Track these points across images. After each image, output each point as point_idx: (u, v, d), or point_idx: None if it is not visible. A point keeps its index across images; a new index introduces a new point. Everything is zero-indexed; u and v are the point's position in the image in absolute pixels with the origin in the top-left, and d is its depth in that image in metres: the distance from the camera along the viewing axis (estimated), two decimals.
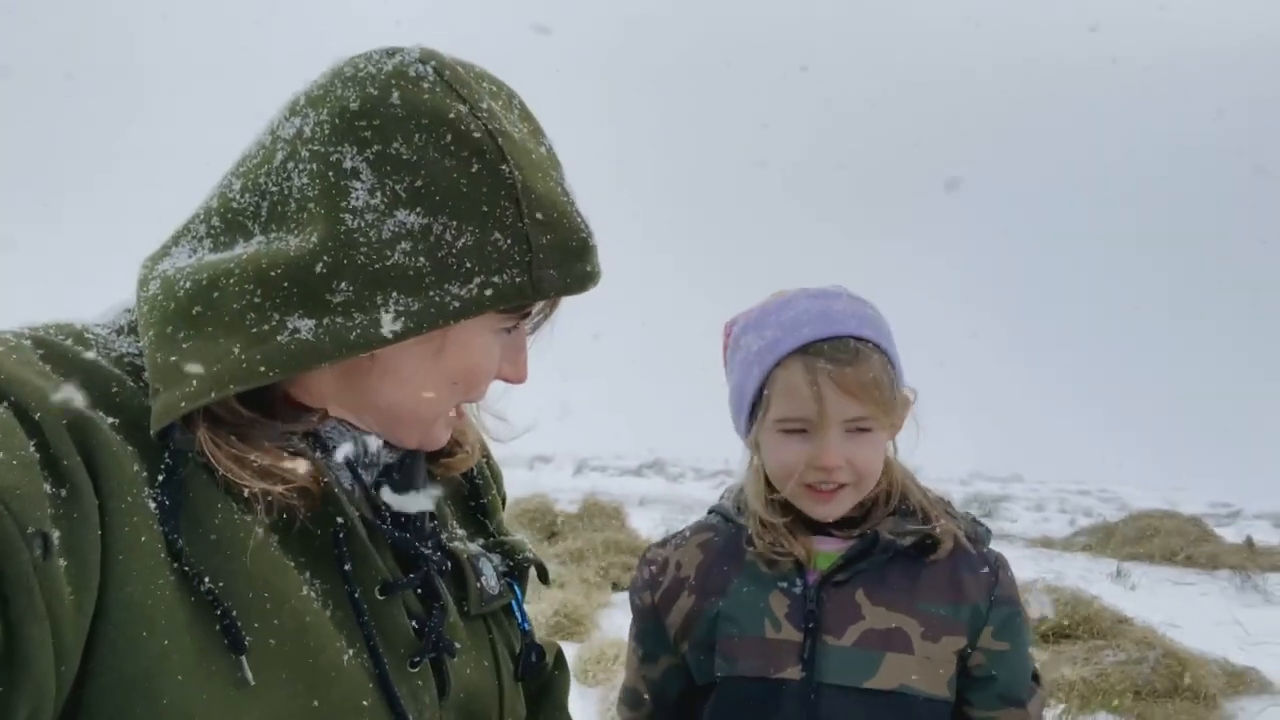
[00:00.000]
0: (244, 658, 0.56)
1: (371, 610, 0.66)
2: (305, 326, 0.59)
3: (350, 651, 0.63)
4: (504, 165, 0.62)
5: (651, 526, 8.51)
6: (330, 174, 0.60)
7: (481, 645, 0.78)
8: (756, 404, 1.12)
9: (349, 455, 0.70)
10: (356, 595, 0.65)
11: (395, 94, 0.61)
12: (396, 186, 0.60)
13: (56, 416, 0.53)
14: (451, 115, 0.61)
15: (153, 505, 0.56)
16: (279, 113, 0.67)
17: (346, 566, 0.65)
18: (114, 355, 0.62)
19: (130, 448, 0.57)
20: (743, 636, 1.10)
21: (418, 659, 0.68)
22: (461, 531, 0.84)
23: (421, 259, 0.60)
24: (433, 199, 0.60)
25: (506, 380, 0.76)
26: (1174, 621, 5.58)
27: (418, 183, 0.60)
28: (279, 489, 0.61)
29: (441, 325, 0.61)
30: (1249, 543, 9.13)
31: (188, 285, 0.61)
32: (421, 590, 0.73)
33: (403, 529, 0.73)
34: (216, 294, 0.60)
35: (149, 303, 0.62)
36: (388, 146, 0.60)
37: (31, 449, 0.51)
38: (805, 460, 1.07)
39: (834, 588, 1.10)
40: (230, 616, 0.56)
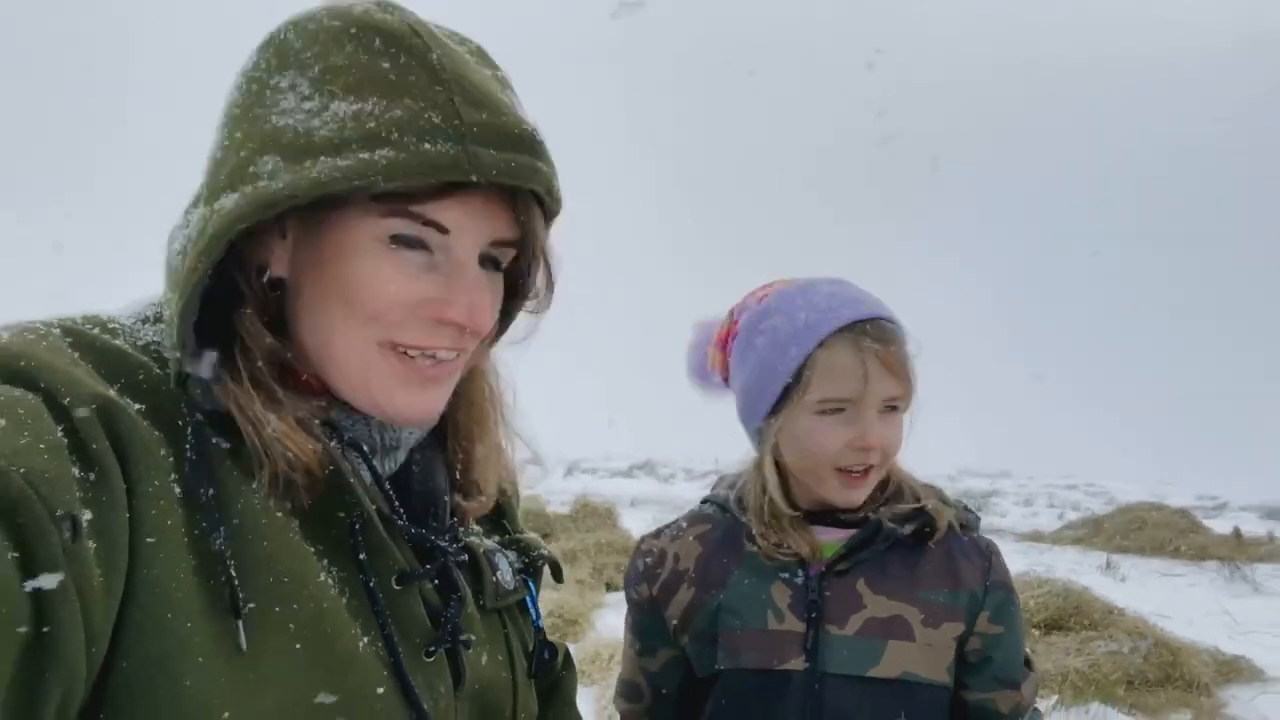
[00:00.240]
0: (240, 622, 0.56)
1: (387, 599, 0.66)
2: (246, 190, 0.60)
3: (365, 639, 0.63)
4: (432, 55, 0.63)
5: (643, 527, 8.44)
6: (266, 92, 0.63)
7: (496, 639, 0.78)
8: (789, 386, 1.09)
9: (360, 441, 0.70)
10: (372, 584, 0.65)
11: (325, 16, 0.63)
12: (330, 88, 0.61)
13: (85, 402, 0.54)
14: (378, 20, 0.63)
15: (179, 490, 0.57)
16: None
17: (361, 556, 0.65)
18: (140, 343, 0.63)
19: (156, 433, 0.58)
20: (745, 629, 1.10)
21: (433, 649, 0.69)
22: (478, 528, 0.84)
23: (349, 132, 0.60)
24: (362, 89, 0.61)
25: (441, 320, 0.66)
26: (1164, 612, 5.64)
27: (349, 79, 0.61)
28: (282, 465, 0.61)
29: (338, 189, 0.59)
30: (1236, 534, 9.22)
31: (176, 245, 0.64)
32: (439, 582, 0.73)
33: (420, 522, 0.73)
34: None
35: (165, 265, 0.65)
36: (324, 61, 0.62)
37: (60, 434, 0.52)
38: (845, 441, 1.06)
39: (836, 577, 1.10)
40: (233, 585, 0.56)
